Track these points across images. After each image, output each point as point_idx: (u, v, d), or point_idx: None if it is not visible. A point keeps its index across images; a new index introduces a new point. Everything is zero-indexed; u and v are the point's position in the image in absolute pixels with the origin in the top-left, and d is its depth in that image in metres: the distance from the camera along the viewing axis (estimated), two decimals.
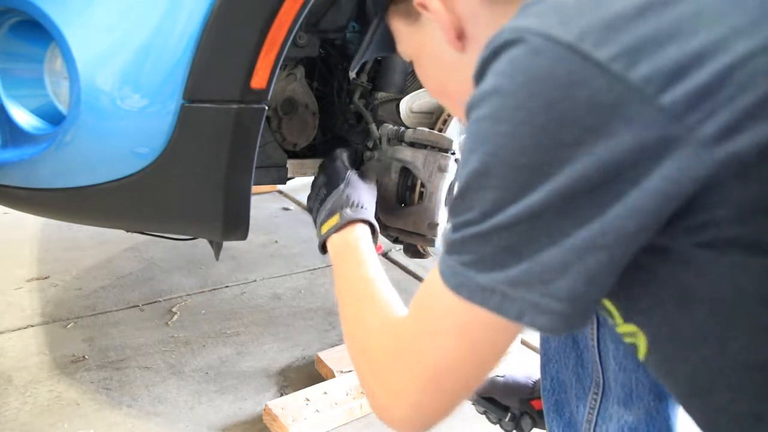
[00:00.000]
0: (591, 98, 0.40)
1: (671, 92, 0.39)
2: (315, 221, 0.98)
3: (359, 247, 0.85)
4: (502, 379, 1.01)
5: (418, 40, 0.67)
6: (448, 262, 0.49)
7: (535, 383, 0.99)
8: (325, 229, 0.91)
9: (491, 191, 0.44)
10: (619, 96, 0.40)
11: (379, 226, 1.55)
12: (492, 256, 0.45)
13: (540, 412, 0.92)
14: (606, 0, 0.43)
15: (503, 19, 0.56)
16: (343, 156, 1.04)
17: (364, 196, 0.95)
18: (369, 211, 0.92)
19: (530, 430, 0.96)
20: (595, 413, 0.81)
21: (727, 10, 0.41)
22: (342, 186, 0.95)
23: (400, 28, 0.69)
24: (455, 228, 0.48)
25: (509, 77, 0.43)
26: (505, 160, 0.44)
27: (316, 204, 0.99)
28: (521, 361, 1.55)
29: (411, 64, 0.73)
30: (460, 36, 0.60)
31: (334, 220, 0.90)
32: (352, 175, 0.96)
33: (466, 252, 0.47)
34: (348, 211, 0.90)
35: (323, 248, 0.93)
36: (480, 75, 0.47)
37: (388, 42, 0.73)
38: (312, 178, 1.87)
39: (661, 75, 0.39)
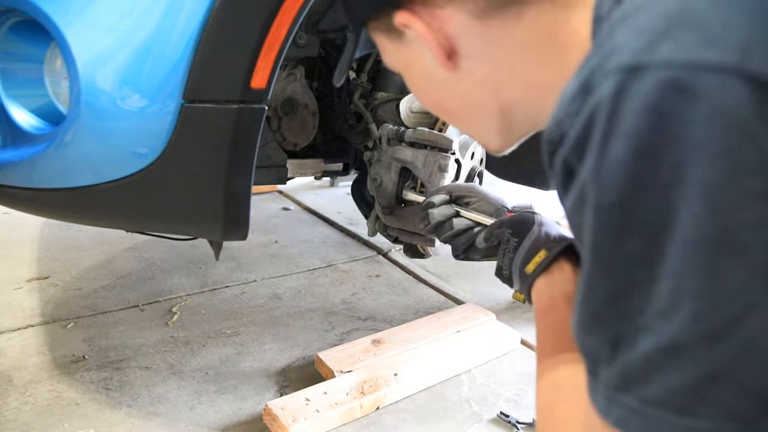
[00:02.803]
0: None
1: None
2: (507, 276, 0.81)
3: (569, 298, 0.68)
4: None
5: (405, 58, 0.60)
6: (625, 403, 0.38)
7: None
8: (530, 268, 0.75)
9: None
10: None
11: (380, 226, 1.56)
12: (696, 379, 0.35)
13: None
14: None
15: (499, 32, 0.52)
16: (506, 203, 0.90)
17: (560, 229, 0.79)
18: (567, 237, 0.76)
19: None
20: None
21: None
22: (535, 228, 0.78)
23: (383, 43, 0.61)
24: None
25: (653, 133, 0.34)
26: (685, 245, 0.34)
27: (507, 256, 0.80)
28: (522, 362, 1.55)
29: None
30: (451, 54, 0.55)
31: (539, 257, 0.74)
32: (540, 216, 0.81)
33: (650, 383, 0.37)
34: (551, 244, 0.75)
35: (530, 295, 0.76)
36: (592, 141, 0.37)
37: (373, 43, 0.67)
38: (311, 178, 1.88)
39: None
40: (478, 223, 0.91)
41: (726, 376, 0.34)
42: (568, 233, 0.77)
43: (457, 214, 0.91)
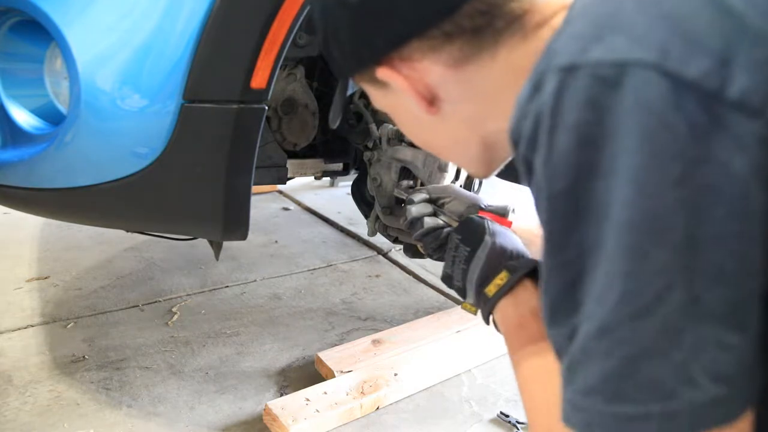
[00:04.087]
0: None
1: None
2: (459, 286, 0.79)
3: (537, 315, 0.68)
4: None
5: (390, 105, 0.63)
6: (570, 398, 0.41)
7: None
8: (491, 290, 0.73)
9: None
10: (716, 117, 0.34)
11: (380, 226, 1.56)
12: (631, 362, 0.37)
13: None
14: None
15: (476, 75, 0.54)
16: (480, 202, 0.88)
17: (515, 240, 0.78)
18: (530, 258, 0.75)
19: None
20: None
21: None
22: (488, 238, 0.76)
23: (370, 90, 0.64)
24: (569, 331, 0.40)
25: (593, 125, 0.37)
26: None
27: (458, 266, 0.78)
28: None
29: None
30: (433, 101, 0.58)
31: (501, 279, 0.72)
32: (491, 224, 0.79)
33: (585, 371, 0.39)
34: (512, 263, 0.73)
35: (489, 316, 0.75)
36: (541, 136, 0.40)
37: None
38: (311, 178, 1.88)
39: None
40: (449, 224, 0.90)
41: (651, 353, 0.36)
42: (522, 245, 0.77)
43: (433, 214, 0.91)
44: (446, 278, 0.82)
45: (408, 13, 0.53)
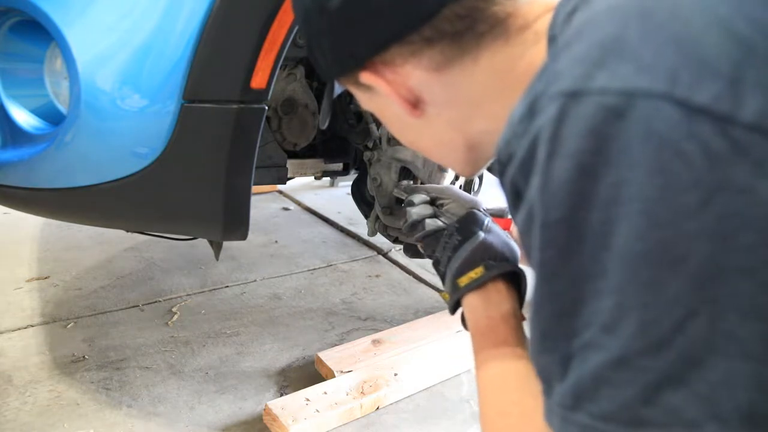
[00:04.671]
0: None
1: None
2: (442, 272, 0.80)
3: (507, 320, 0.69)
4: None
5: (376, 107, 0.64)
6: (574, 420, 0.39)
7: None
8: (464, 281, 0.73)
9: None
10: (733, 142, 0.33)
11: (380, 226, 1.56)
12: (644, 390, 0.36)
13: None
14: (672, 23, 0.36)
15: (458, 78, 0.55)
16: (479, 205, 0.87)
17: (508, 244, 0.77)
18: (510, 263, 0.75)
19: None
20: None
21: None
22: (481, 233, 0.76)
23: (355, 92, 0.64)
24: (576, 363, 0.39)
25: (594, 154, 0.36)
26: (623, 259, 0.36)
27: (446, 252, 0.79)
28: None
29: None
30: (417, 103, 0.58)
31: (476, 273, 0.73)
32: (491, 223, 0.79)
33: (600, 398, 0.38)
34: (492, 262, 0.73)
35: (455, 307, 0.77)
36: (537, 162, 0.39)
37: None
38: (311, 178, 1.88)
39: None
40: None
41: (673, 382, 0.35)
42: (514, 250, 0.77)
43: (434, 215, 0.91)
44: (435, 263, 0.83)
45: (386, 19, 0.53)
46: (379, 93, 0.59)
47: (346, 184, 3.08)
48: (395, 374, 1.38)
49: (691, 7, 0.36)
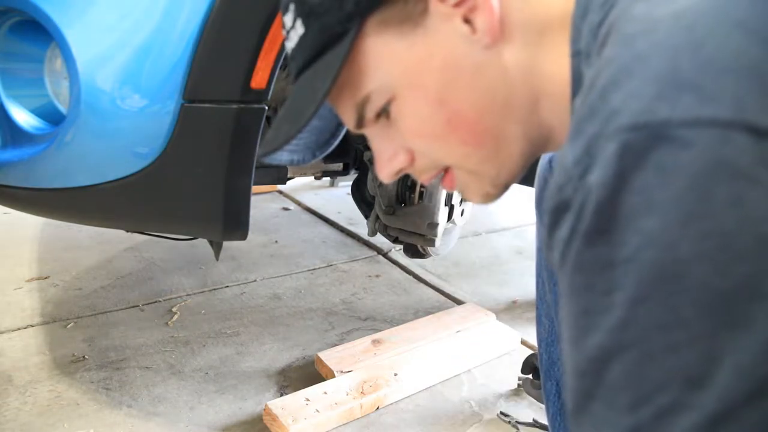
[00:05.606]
0: None
1: None
2: None
3: None
4: None
5: (417, 57, 0.51)
6: None
7: None
8: None
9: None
10: None
11: (380, 226, 1.56)
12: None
13: None
14: (725, 53, 0.34)
15: (530, 9, 0.50)
16: None
17: None
18: None
19: None
20: None
21: None
22: None
23: (381, 52, 0.52)
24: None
25: (661, 188, 0.33)
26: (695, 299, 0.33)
27: None
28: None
29: (362, 122, 0.57)
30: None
31: None
32: None
33: None
34: None
35: None
36: (607, 207, 0.36)
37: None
38: (311, 178, 1.87)
39: None
40: None
41: None
42: None
43: None
44: None
45: None
46: (430, 27, 0.50)
47: (346, 184, 3.08)
48: (395, 374, 1.38)
49: (739, 37, 0.35)
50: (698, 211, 0.33)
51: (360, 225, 2.55)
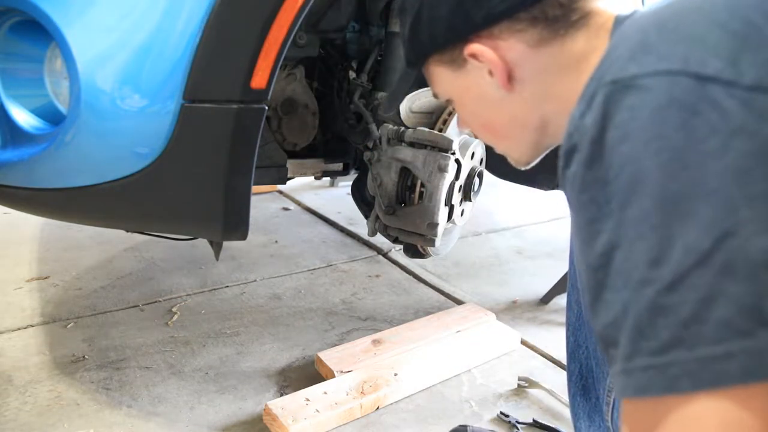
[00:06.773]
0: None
1: None
2: None
3: None
4: None
5: (462, 85, 0.72)
6: (638, 365, 0.43)
7: None
8: None
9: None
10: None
11: (380, 226, 1.56)
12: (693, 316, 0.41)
13: None
14: (681, 28, 0.47)
15: (547, 57, 0.64)
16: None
17: None
18: None
19: None
20: (614, 395, 0.81)
21: None
22: None
23: (441, 75, 0.74)
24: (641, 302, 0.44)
25: (632, 121, 0.46)
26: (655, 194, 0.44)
27: None
28: (522, 362, 1.55)
29: (448, 102, 0.79)
30: (509, 79, 0.67)
31: None
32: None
33: (653, 336, 0.43)
34: None
35: None
36: (598, 139, 0.48)
37: (420, 81, 0.79)
38: (311, 178, 1.88)
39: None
40: None
41: (719, 295, 0.41)
42: None
43: None
44: None
45: None
46: (468, 71, 0.70)
47: (346, 184, 3.08)
48: (395, 374, 1.38)
49: (695, 17, 0.48)
50: (656, 133, 0.44)
51: (360, 225, 2.55)
